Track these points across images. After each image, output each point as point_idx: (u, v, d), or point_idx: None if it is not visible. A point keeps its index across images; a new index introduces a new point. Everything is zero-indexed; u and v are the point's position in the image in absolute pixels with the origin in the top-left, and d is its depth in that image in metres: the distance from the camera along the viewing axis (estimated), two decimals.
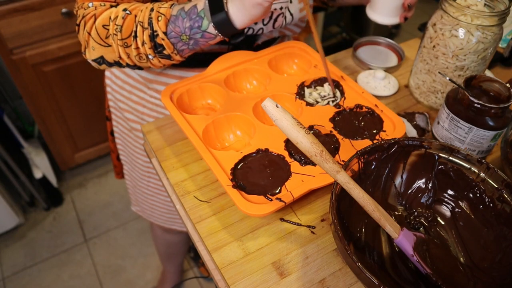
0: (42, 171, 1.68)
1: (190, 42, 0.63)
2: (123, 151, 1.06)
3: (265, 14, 0.58)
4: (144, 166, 0.99)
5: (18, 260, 1.60)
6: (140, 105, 0.89)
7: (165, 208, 1.06)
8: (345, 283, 0.52)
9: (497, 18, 0.64)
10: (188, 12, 0.61)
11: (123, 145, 1.03)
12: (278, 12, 0.73)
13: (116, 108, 0.97)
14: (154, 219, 1.13)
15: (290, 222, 0.58)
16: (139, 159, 0.99)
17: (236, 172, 0.59)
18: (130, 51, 0.64)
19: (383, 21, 0.76)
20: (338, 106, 0.70)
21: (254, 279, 0.52)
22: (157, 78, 0.82)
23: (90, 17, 0.65)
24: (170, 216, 1.09)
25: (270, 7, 0.58)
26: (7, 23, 1.29)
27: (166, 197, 1.02)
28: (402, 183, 0.58)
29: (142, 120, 0.91)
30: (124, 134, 0.99)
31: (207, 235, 0.56)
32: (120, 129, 1.00)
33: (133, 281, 1.55)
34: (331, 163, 0.47)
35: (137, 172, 1.03)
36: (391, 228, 0.47)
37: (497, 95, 0.62)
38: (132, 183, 1.12)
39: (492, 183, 0.52)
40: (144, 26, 0.62)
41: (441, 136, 0.66)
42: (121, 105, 0.93)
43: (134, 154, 0.99)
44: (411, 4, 0.72)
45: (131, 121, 0.93)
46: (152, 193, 1.04)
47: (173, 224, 1.12)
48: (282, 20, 0.75)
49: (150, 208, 1.10)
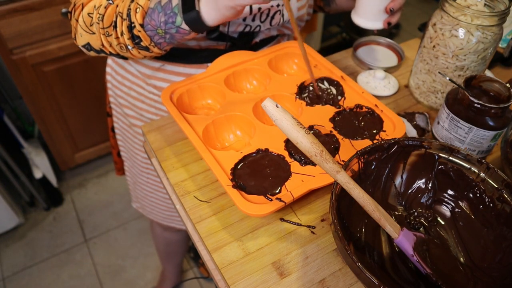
0: (42, 171, 1.68)
1: (167, 36, 0.64)
2: (123, 147, 1.07)
3: (238, 15, 0.59)
4: (143, 163, 1.00)
5: (18, 260, 1.60)
6: (139, 101, 0.89)
7: (164, 205, 1.07)
8: (345, 283, 0.52)
9: (497, 18, 0.64)
10: (164, 6, 0.61)
11: (123, 141, 1.04)
12: (275, 9, 0.73)
13: (116, 104, 0.97)
14: (154, 216, 1.14)
15: (290, 222, 0.58)
16: (138, 155, 0.99)
17: (236, 172, 0.59)
18: (111, 40, 0.66)
19: (366, 25, 0.75)
20: (338, 106, 0.70)
21: (254, 279, 0.52)
22: (155, 73, 0.82)
23: (79, 5, 0.67)
24: (169, 213, 1.09)
25: (243, 10, 0.58)
26: (7, 23, 1.29)
27: (165, 195, 1.03)
28: (402, 183, 0.58)
29: (141, 116, 0.91)
30: (124, 130, 1.00)
31: (207, 235, 0.56)
32: (120, 125, 1.01)
33: (133, 281, 1.55)
34: (331, 163, 0.47)
35: (136, 168, 1.04)
36: (391, 228, 0.47)
37: (497, 95, 0.62)
38: (132, 179, 1.12)
39: (492, 183, 0.52)
40: (123, 17, 0.63)
41: (441, 136, 0.66)
42: (121, 101, 0.94)
43: (133, 150, 1.00)
44: (394, 8, 0.70)
45: (131, 117, 0.93)
46: (152, 189, 1.04)
47: (172, 222, 1.13)
48: (280, 17, 0.75)
49: (149, 205, 1.11)
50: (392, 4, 0.70)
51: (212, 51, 0.77)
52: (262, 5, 0.71)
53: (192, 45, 0.76)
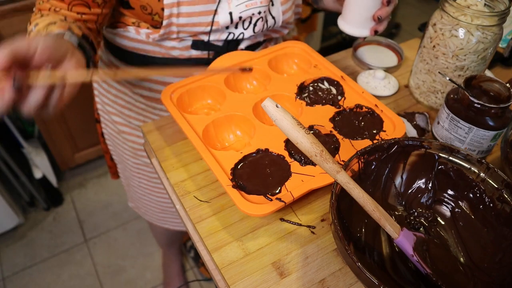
0: (42, 171, 1.68)
1: None
2: (114, 152, 1.07)
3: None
4: (134, 167, 1.00)
5: (18, 260, 1.60)
6: (126, 108, 0.89)
7: (157, 207, 1.08)
8: (345, 283, 0.52)
9: (497, 18, 0.64)
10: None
11: (113, 146, 1.04)
12: (257, 17, 0.73)
13: (104, 111, 0.97)
14: (149, 217, 1.15)
15: (290, 222, 0.58)
16: (128, 160, 1.00)
17: (236, 172, 0.59)
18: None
19: (353, 32, 0.75)
20: (338, 106, 0.70)
21: (254, 279, 0.52)
22: (140, 83, 0.83)
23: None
24: (163, 215, 1.10)
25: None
26: (7, 23, 1.29)
27: (158, 197, 1.04)
28: (402, 183, 0.58)
29: (130, 123, 0.91)
30: (113, 136, 1.00)
31: (207, 235, 0.56)
32: (109, 131, 1.01)
33: (133, 281, 1.55)
34: (331, 163, 0.47)
35: (128, 172, 1.05)
36: (391, 228, 0.47)
37: (497, 95, 0.62)
38: (126, 181, 1.13)
39: (492, 183, 0.52)
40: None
41: (441, 136, 0.66)
42: (109, 108, 0.94)
43: (123, 155, 1.00)
44: (381, 17, 0.70)
45: (119, 124, 0.94)
46: (144, 193, 1.05)
47: (167, 223, 1.14)
48: (263, 24, 0.74)
49: (143, 206, 1.12)
50: (380, 12, 0.69)
51: (196, 60, 0.78)
52: (242, 14, 0.70)
53: (176, 54, 0.76)
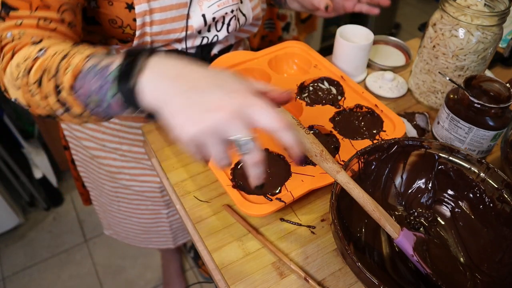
0: (42, 171, 1.68)
1: (103, 105, 0.46)
2: (87, 178, 1.03)
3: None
4: (111, 192, 0.96)
5: (18, 260, 1.60)
6: (98, 132, 0.83)
7: (140, 229, 1.05)
8: (345, 283, 0.52)
9: (497, 18, 0.64)
10: (100, 70, 0.45)
11: (86, 172, 0.99)
12: (230, 16, 0.71)
13: (72, 137, 0.91)
14: (130, 240, 1.12)
15: (290, 222, 0.58)
16: (105, 185, 0.95)
17: (236, 172, 0.59)
18: (37, 101, 0.50)
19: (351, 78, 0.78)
20: (338, 106, 0.70)
21: (254, 279, 0.52)
22: None
23: (9, 50, 0.51)
24: (146, 236, 1.08)
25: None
26: None
27: (140, 218, 1.01)
28: (402, 183, 0.58)
29: (104, 146, 0.85)
30: (86, 162, 0.95)
31: (207, 235, 0.56)
32: (81, 157, 0.95)
33: (133, 281, 1.55)
34: (331, 163, 0.47)
35: (105, 197, 1.00)
36: (391, 228, 0.47)
37: (497, 95, 0.62)
38: (101, 208, 1.09)
39: (492, 183, 0.52)
40: (50, 74, 0.47)
41: (441, 136, 0.66)
42: (78, 134, 0.87)
43: (99, 180, 0.96)
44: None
45: (92, 148, 0.88)
46: (125, 216, 1.02)
47: (150, 243, 1.12)
48: (235, 22, 0.72)
49: (124, 231, 1.09)
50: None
51: None
52: (215, 14, 0.68)
53: None
